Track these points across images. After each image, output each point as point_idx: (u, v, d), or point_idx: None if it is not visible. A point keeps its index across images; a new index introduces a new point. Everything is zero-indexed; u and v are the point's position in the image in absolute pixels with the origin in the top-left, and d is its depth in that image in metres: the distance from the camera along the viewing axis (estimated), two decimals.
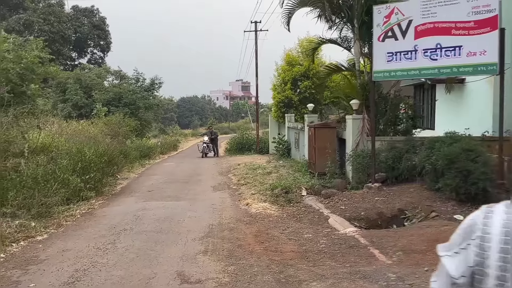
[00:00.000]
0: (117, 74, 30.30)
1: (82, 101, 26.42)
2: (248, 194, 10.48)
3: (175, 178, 14.40)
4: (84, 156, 11.04)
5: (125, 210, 9.27)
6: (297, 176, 11.72)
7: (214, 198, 10.59)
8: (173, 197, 10.72)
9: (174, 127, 60.74)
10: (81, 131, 17.44)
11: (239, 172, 14.89)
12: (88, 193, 10.52)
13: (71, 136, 15.44)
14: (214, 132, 25.24)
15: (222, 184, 12.76)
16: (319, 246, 6.14)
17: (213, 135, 24.63)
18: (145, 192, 11.65)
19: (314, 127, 10.37)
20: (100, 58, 47.29)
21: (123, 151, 16.20)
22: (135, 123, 24.04)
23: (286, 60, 23.83)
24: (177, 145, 33.20)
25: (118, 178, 14.02)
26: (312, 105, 15.44)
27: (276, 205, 9.11)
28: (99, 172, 11.20)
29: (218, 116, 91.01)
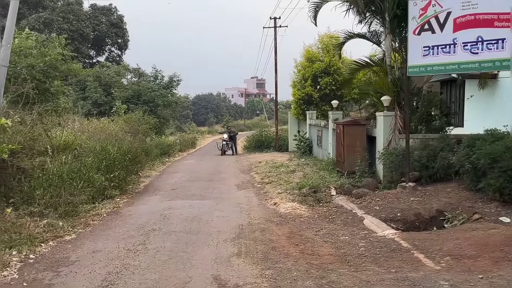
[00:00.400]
0: (135, 71, 30.34)
1: (101, 98, 26.51)
2: (274, 193, 10.23)
3: (198, 176, 14.23)
4: (108, 154, 10.93)
5: (151, 209, 9.11)
6: (323, 175, 11.41)
7: (240, 197, 10.37)
8: (198, 196, 10.53)
9: (190, 124, 60.83)
10: (102, 128, 17.42)
11: (262, 170, 14.66)
12: (113, 191, 10.41)
13: (92, 134, 15.41)
14: (233, 131, 25.40)
15: (245, 183, 12.53)
16: (358, 249, 5.86)
17: (232, 133, 24.74)
18: (169, 190, 11.49)
19: (343, 124, 10.05)
20: (117, 56, 47.50)
21: (145, 149, 16.11)
22: (154, 121, 24.01)
23: (306, 57, 23.45)
24: (195, 143, 33.18)
25: (140, 176, 13.93)
26: (336, 102, 15.10)
27: (305, 205, 8.84)
28: (123, 170, 11.09)
29: (233, 114, 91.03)
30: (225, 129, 28.34)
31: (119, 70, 29.55)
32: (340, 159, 10.38)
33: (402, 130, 9.16)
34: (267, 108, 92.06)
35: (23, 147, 9.24)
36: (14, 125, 8.77)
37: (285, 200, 9.22)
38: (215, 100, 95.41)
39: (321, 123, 16.13)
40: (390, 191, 8.67)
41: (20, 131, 9.38)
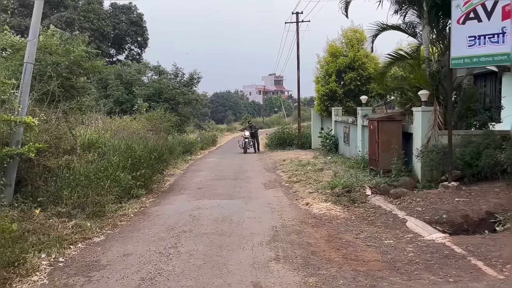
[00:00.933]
0: (156, 69, 30.24)
1: (123, 96, 26.51)
2: (305, 193, 9.84)
3: (222, 174, 13.93)
4: (133, 153, 10.71)
5: (179, 209, 8.83)
6: (355, 174, 10.97)
7: (269, 196, 10.02)
8: (225, 195, 10.22)
9: (209, 122, 60.79)
10: (125, 127, 17.32)
11: (288, 168, 14.27)
12: (139, 190, 10.19)
13: (115, 132, 15.29)
14: (254, 126, 24.31)
15: (272, 182, 12.17)
16: (407, 255, 5.43)
17: (253, 129, 23.74)
18: (195, 189, 11.21)
19: (378, 120, 9.57)
20: (137, 54, 47.71)
21: (169, 147, 15.92)
22: (175, 119, 23.88)
23: (329, 52, 22.94)
24: (215, 140, 33.00)
25: (165, 175, 13.72)
26: (365, 97, 14.58)
27: (340, 206, 8.42)
28: (149, 169, 10.86)
29: (251, 111, 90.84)
30: (245, 125, 26.54)
31: (140, 68, 29.51)
32: (374, 157, 9.90)
33: (442, 126, 8.64)
34: (285, 105, 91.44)
35: (49, 146, 9.08)
36: (40, 124, 8.60)
37: (317, 200, 8.82)
38: (233, 98, 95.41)
39: (349, 120, 15.63)
40: (431, 190, 8.18)
41: (46, 130, 9.23)
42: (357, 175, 10.64)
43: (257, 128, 25.01)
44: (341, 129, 17.12)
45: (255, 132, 23.91)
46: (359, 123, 13.94)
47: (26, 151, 7.43)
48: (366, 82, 22.22)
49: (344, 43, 23.10)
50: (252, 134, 23.31)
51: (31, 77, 8.22)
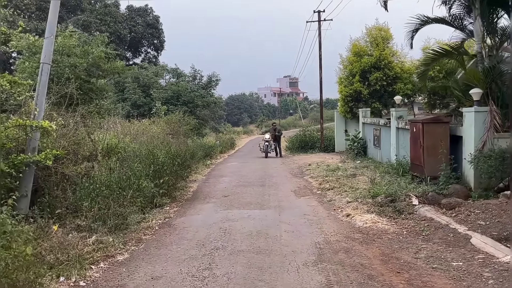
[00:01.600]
0: (174, 72, 29.73)
1: (140, 100, 26.05)
2: (342, 202, 9.02)
3: (247, 180, 13.18)
4: (156, 159, 10.05)
5: (207, 220, 8.10)
6: (395, 181, 10.11)
7: (302, 205, 9.23)
8: (255, 204, 9.46)
9: (226, 125, 60.29)
10: (144, 130, 16.77)
11: (316, 174, 13.46)
12: (162, 199, 9.53)
13: (134, 136, 14.73)
14: (278, 129, 22.95)
15: (302, 188, 11.38)
16: (486, 283, 4.59)
17: (277, 132, 22.44)
18: (221, 197, 10.49)
19: (422, 122, 8.71)
20: (153, 57, 47.38)
21: (190, 152, 15.28)
22: (194, 122, 23.27)
23: (353, 51, 22.07)
24: (233, 143, 32.36)
25: (187, 181, 13.06)
26: (400, 98, 13.72)
27: (385, 217, 7.59)
28: (172, 176, 10.19)
29: (266, 113, 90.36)
30: (269, 127, 25.10)
31: (157, 71, 29.04)
32: (418, 162, 9.04)
33: (499, 128, 7.76)
34: (301, 107, 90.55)
35: (68, 152, 8.47)
36: (58, 128, 7.99)
37: (359, 211, 8.00)
38: (248, 100, 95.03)
39: (380, 122, 14.74)
40: (490, 201, 7.29)
41: (64, 135, 8.62)
42: (398, 182, 9.77)
43: (281, 131, 23.69)
44: (370, 132, 16.23)
45: (279, 135, 22.66)
46: (393, 125, 13.05)
47: (43, 158, 6.79)
48: (392, 82, 21.28)
49: (368, 42, 22.20)
50: (275, 138, 22.05)
51: (48, 79, 7.61)
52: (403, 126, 12.16)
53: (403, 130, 12.28)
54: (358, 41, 22.51)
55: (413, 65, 21.93)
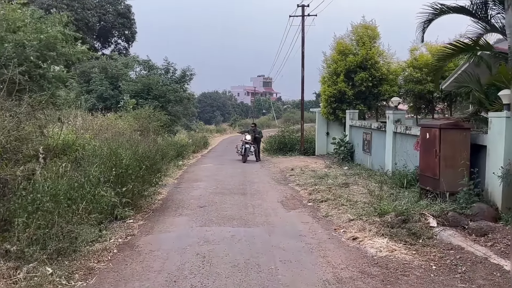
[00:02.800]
0: (145, 63, 27.68)
1: (107, 92, 23.92)
2: (343, 219, 7.58)
3: (226, 187, 11.60)
4: (119, 161, 8.33)
5: (180, 241, 6.49)
6: (399, 194, 8.79)
7: (294, 222, 7.74)
8: (238, 219, 7.89)
9: (198, 122, 58.32)
10: (109, 126, 14.87)
11: (303, 181, 12.03)
12: (124, 211, 7.83)
13: (97, 132, 12.87)
14: (259, 131, 20.44)
15: (290, 199, 9.90)
16: None
17: (257, 134, 19.99)
18: (196, 208, 8.88)
19: (440, 127, 7.38)
20: (124, 48, 44.98)
21: (161, 151, 13.55)
22: (166, 118, 21.43)
23: (337, 49, 20.86)
24: (207, 142, 30.61)
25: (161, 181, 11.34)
26: (398, 99, 12.43)
27: (400, 242, 6.20)
28: (139, 182, 8.49)
29: (239, 112, 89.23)
30: (248, 127, 22.62)
31: (128, 62, 26.94)
32: (431, 174, 7.73)
33: None
34: (274, 107, 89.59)
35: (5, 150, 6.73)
36: None
37: (368, 234, 6.58)
38: (221, 98, 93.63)
39: (372, 125, 13.46)
40: None
41: (2, 129, 6.83)
42: (405, 197, 8.44)
43: (261, 133, 21.18)
44: (359, 136, 14.95)
45: (259, 137, 20.37)
46: (389, 129, 11.77)
47: None
48: (378, 84, 20.21)
49: (354, 40, 21.04)
50: (254, 139, 19.55)
51: None
52: (402, 131, 10.89)
53: (402, 136, 11.02)
54: (343, 39, 21.32)
55: (399, 67, 20.93)
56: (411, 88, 19.86)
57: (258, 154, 19.78)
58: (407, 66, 20.82)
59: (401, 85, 20.46)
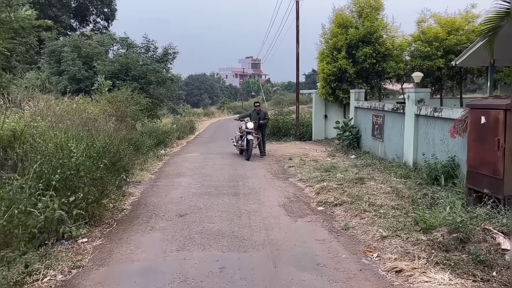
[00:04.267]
0: (123, 41, 25.15)
1: (81, 73, 21.41)
2: (371, 235, 5.58)
3: (213, 184, 9.53)
4: (68, 158, 6.19)
5: (145, 282, 4.44)
6: (435, 196, 6.80)
7: (306, 240, 5.70)
8: (229, 236, 5.84)
9: (185, 106, 55.89)
10: (76, 110, 12.62)
11: (306, 174, 10.03)
12: (72, 228, 5.74)
13: (60, 119, 10.65)
14: (264, 113, 14.54)
15: (294, 201, 7.87)
16: None
17: (262, 118, 14.21)
18: (174, 218, 6.80)
19: (506, 108, 5.41)
20: (104, 27, 41.93)
21: (135, 142, 11.42)
22: (146, 101, 19.14)
23: (336, 22, 18.69)
24: (194, 127, 28.37)
25: (128, 183, 9.24)
26: (420, 74, 10.36)
27: (468, 278, 4.23)
28: (97, 186, 6.37)
29: (227, 95, 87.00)
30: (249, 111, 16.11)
31: (103, 40, 24.31)
32: (490, 172, 5.75)
33: None
34: (263, 89, 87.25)
35: None
36: None
37: (417, 262, 4.59)
38: (209, 81, 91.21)
39: (385, 106, 11.42)
40: None
41: None
42: (444, 199, 6.46)
43: (267, 116, 15.20)
44: (367, 119, 12.93)
45: (264, 123, 14.47)
46: (409, 111, 9.76)
47: None
48: (382, 60, 18.15)
49: (355, 12, 18.88)
50: (259, 126, 14.03)
51: None
52: (428, 113, 8.88)
53: (428, 119, 9.02)
54: (343, 10, 19.14)
55: (405, 41, 18.89)
56: (418, 64, 17.91)
57: (264, 146, 14.40)
58: (413, 40, 18.80)
59: (407, 62, 18.46)
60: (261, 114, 14.27)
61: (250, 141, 13.25)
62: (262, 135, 14.30)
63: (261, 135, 14.17)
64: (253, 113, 14.26)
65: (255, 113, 14.22)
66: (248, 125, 13.43)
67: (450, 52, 17.68)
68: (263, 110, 14.66)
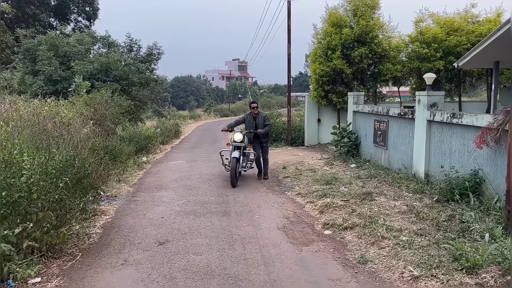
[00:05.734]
0: (104, 40, 23.78)
1: (57, 73, 19.97)
2: (399, 274, 4.46)
3: (200, 199, 8.33)
4: (18, 177, 4.93)
5: None
6: (464, 218, 5.74)
7: (318, 279, 4.55)
8: (219, 275, 4.63)
9: (170, 108, 54.44)
10: (48, 114, 11.32)
11: (305, 188, 8.90)
12: (25, 267, 4.50)
13: (26, 124, 9.37)
14: (264, 117, 10.37)
15: (295, 221, 6.72)
16: None
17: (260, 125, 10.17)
18: (152, 247, 5.59)
19: None
20: (85, 27, 40.37)
21: (111, 150, 10.17)
22: (128, 103, 17.86)
23: (329, 21, 17.70)
24: (179, 131, 27.06)
25: (101, 198, 7.99)
26: (432, 76, 9.33)
27: None
28: (55, 211, 5.12)
29: (214, 97, 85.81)
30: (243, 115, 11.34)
31: (82, 38, 22.88)
32: None
33: None
34: (250, 91, 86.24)
35: None
36: None
37: None
38: (195, 83, 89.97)
39: (390, 111, 10.36)
40: None
41: None
42: (476, 223, 5.40)
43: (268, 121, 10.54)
44: (368, 124, 11.87)
45: (266, 131, 10.24)
46: (420, 116, 8.72)
47: None
48: (378, 61, 17.20)
49: (349, 11, 17.89)
50: (255, 136, 10.19)
51: None
52: (444, 120, 7.83)
53: (443, 126, 7.98)
54: (336, 9, 18.15)
55: (402, 42, 17.96)
56: (416, 66, 17.00)
57: (265, 166, 10.53)
58: (411, 41, 17.87)
59: (404, 63, 17.53)
60: (259, 119, 10.17)
61: (235, 159, 9.28)
62: (262, 150, 10.37)
63: (260, 149, 10.25)
64: (248, 118, 10.29)
65: (251, 118, 10.23)
66: (235, 137, 9.72)
67: (450, 53, 16.80)
68: (262, 114, 10.50)
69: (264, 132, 10.17)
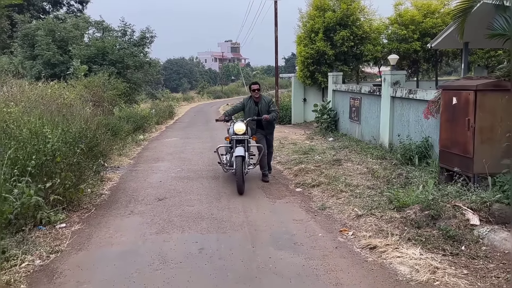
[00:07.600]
0: (99, 25, 24.59)
1: (55, 57, 20.89)
2: (347, 214, 5.75)
3: (193, 168, 9.57)
4: (44, 144, 6.12)
5: (125, 264, 4.48)
6: (409, 175, 7.01)
7: (283, 220, 5.82)
8: (208, 218, 5.90)
9: (164, 90, 55.11)
10: (51, 96, 12.38)
11: (285, 158, 10.17)
12: (53, 215, 5.72)
13: (34, 104, 10.44)
14: (268, 102, 8.14)
15: (273, 183, 7.96)
16: None
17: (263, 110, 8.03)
18: (153, 202, 6.83)
19: (476, 89, 5.53)
20: (78, 10, 40.89)
21: (112, 127, 11.29)
22: (123, 86, 18.90)
23: (314, 5, 18.72)
24: (173, 112, 28.13)
25: (106, 168, 9.19)
26: (396, 57, 10.52)
27: (438, 253, 4.42)
28: (74, 172, 6.33)
29: (207, 79, 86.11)
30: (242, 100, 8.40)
31: (78, 23, 23.69)
32: (460, 151, 5.94)
33: None
34: (243, 73, 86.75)
35: None
36: None
37: (390, 239, 4.76)
38: (188, 65, 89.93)
39: (362, 89, 11.57)
40: None
41: None
42: (418, 178, 6.67)
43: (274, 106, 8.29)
44: (345, 102, 13.08)
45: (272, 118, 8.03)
46: (385, 93, 9.93)
47: None
48: (359, 43, 18.30)
49: None
50: (258, 124, 8.10)
51: None
52: (403, 95, 9.06)
53: (403, 101, 9.21)
54: None
55: (382, 24, 19.05)
56: (395, 47, 18.14)
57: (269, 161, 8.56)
58: (390, 23, 19.02)
59: (384, 45, 18.66)
60: (262, 105, 8.08)
61: (240, 158, 7.12)
62: (267, 142, 8.29)
63: (264, 141, 8.12)
64: (249, 104, 8.14)
65: (252, 103, 8.12)
66: (236, 127, 7.58)
67: (426, 35, 17.94)
68: (266, 98, 8.31)
69: (271, 118, 7.95)
